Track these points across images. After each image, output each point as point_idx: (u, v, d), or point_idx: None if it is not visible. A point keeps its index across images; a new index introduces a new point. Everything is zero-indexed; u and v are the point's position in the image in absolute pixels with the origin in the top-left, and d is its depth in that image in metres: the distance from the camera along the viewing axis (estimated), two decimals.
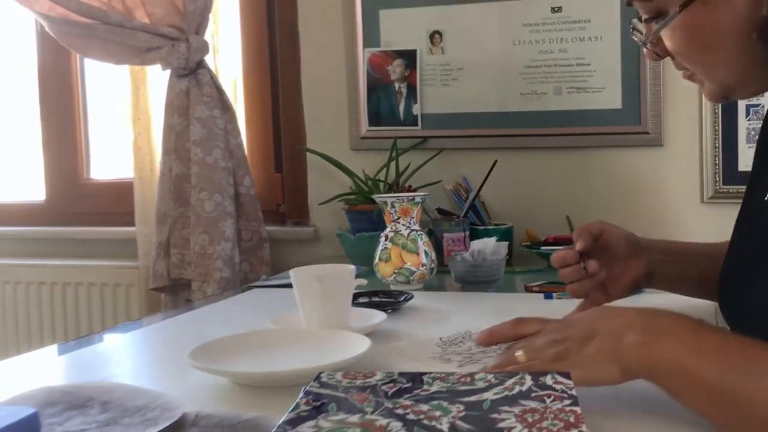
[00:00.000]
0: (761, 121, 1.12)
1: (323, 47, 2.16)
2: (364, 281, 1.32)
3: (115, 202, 2.42)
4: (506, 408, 0.69)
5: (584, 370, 0.79)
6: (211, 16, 2.11)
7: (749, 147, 1.86)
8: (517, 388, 0.74)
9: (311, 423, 0.67)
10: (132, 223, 2.27)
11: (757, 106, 1.85)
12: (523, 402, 0.71)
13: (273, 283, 1.77)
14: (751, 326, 0.86)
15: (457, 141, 2.05)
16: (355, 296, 1.33)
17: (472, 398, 0.72)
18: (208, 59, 2.12)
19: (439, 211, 1.98)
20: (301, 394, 0.75)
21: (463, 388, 0.75)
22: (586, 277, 1.14)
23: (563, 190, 2.01)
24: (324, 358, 0.97)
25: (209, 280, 2.02)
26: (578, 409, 0.68)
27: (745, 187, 1.06)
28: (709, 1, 0.89)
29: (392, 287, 1.58)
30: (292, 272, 1.21)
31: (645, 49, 0.99)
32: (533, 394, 0.72)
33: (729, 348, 0.76)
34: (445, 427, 0.65)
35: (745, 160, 1.85)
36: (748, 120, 1.87)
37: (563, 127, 1.99)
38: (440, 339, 1.14)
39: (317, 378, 0.80)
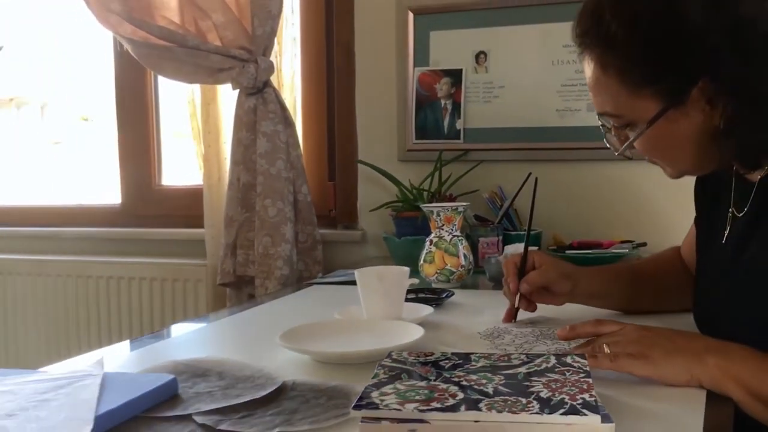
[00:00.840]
0: None
1: (376, 66, 2.37)
2: (416, 280, 1.54)
3: (184, 207, 2.66)
4: (535, 378, 0.92)
5: (660, 370, 1.03)
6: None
7: None
8: (543, 365, 0.97)
9: (390, 386, 0.91)
10: (199, 225, 2.50)
11: None
12: (548, 374, 0.93)
13: (329, 280, 2.01)
14: (725, 335, 1.09)
15: (496, 153, 2.25)
16: (410, 291, 1.57)
17: (510, 371, 0.95)
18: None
19: (476, 217, 2.20)
20: (378, 367, 0.98)
21: (502, 364, 0.98)
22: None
23: (590, 199, 2.20)
24: (388, 342, 1.20)
25: (270, 278, 2.25)
26: (590, 380, 0.91)
27: None
28: (671, 117, 1.09)
29: (434, 285, 1.80)
30: (357, 272, 1.43)
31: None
32: (556, 369, 0.95)
33: None
34: (490, 390, 0.88)
35: None
36: None
37: (593, 141, 2.17)
38: (479, 333, 1.36)
39: (389, 355, 1.03)
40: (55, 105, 3.14)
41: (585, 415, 0.80)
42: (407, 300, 1.54)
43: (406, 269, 1.46)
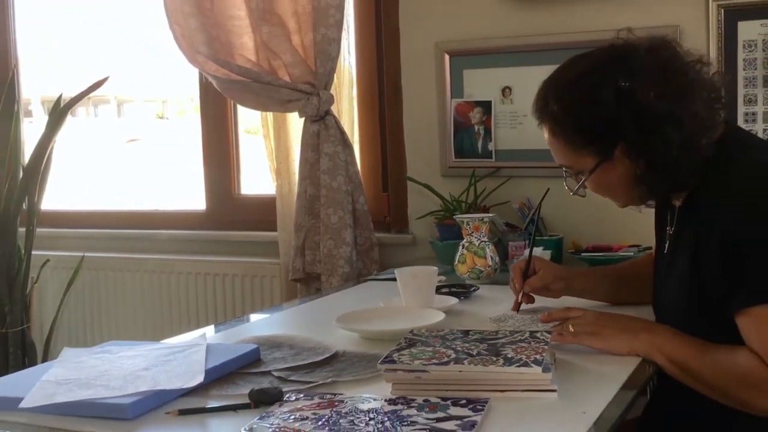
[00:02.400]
0: None
1: (420, 97, 2.76)
2: (443, 278, 1.95)
3: (259, 213, 3.07)
4: (509, 345, 1.31)
5: (608, 344, 1.43)
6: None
7: None
8: (518, 337, 1.37)
9: (407, 350, 1.31)
10: (272, 229, 2.92)
11: None
12: (519, 343, 1.33)
13: (381, 277, 2.41)
14: (664, 321, 1.48)
15: (522, 170, 2.61)
16: (441, 287, 1.97)
17: (493, 341, 1.35)
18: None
19: (507, 224, 2.57)
20: (402, 339, 1.39)
21: (489, 338, 1.38)
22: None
23: (604, 209, 2.48)
24: (415, 323, 1.60)
25: (334, 274, 2.66)
26: (546, 347, 1.30)
27: None
28: (604, 168, 1.48)
29: (466, 281, 2.18)
30: (396, 271, 1.85)
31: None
32: (526, 340, 1.34)
33: (692, 346, 1.37)
34: (475, 352, 1.28)
35: None
36: None
37: None
38: (489, 318, 1.76)
39: (411, 332, 1.44)
40: (132, 103, 3.54)
41: (531, 366, 1.20)
42: (442, 293, 1.95)
43: (435, 269, 1.87)
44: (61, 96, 3.02)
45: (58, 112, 2.95)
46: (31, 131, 3.49)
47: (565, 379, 1.27)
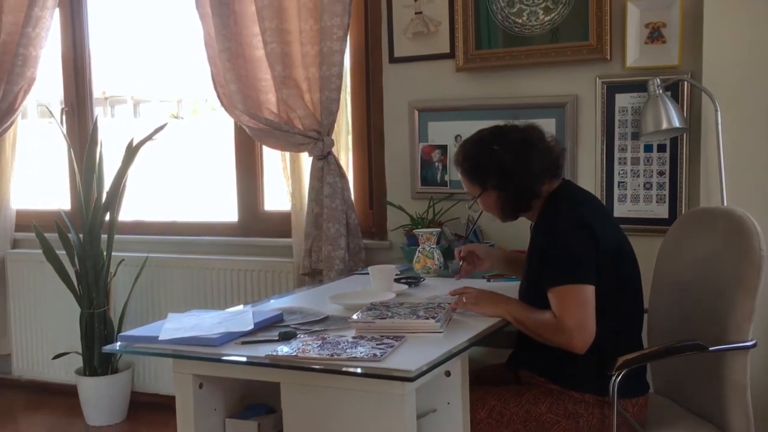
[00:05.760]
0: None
1: (397, 141, 3.74)
2: (398, 272, 2.97)
3: (278, 224, 4.05)
4: (424, 309, 2.34)
5: (483, 310, 2.43)
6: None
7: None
8: (430, 306, 2.39)
9: (366, 312, 2.34)
10: (288, 236, 3.90)
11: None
12: (429, 309, 2.35)
13: (363, 272, 3.40)
14: (520, 295, 2.50)
15: (468, 195, 3.62)
16: (400, 278, 2.99)
17: (415, 308, 2.37)
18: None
19: (455, 234, 3.57)
20: (364, 307, 2.42)
21: (413, 306, 2.40)
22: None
23: (521, 225, 3.52)
24: (375, 299, 2.61)
25: (332, 271, 3.63)
26: (443, 310, 2.32)
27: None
28: (484, 196, 2.47)
29: (420, 275, 3.19)
30: (369, 268, 2.87)
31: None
32: (433, 307, 2.37)
33: (526, 309, 2.35)
34: (402, 313, 2.31)
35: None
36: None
37: None
38: (425, 297, 2.77)
39: (371, 303, 2.47)
40: (148, 103, 4.08)
41: (429, 320, 2.23)
42: (400, 282, 2.96)
43: (394, 266, 2.90)
44: (132, 139, 4.05)
45: (130, 151, 3.98)
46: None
47: (451, 328, 2.30)
